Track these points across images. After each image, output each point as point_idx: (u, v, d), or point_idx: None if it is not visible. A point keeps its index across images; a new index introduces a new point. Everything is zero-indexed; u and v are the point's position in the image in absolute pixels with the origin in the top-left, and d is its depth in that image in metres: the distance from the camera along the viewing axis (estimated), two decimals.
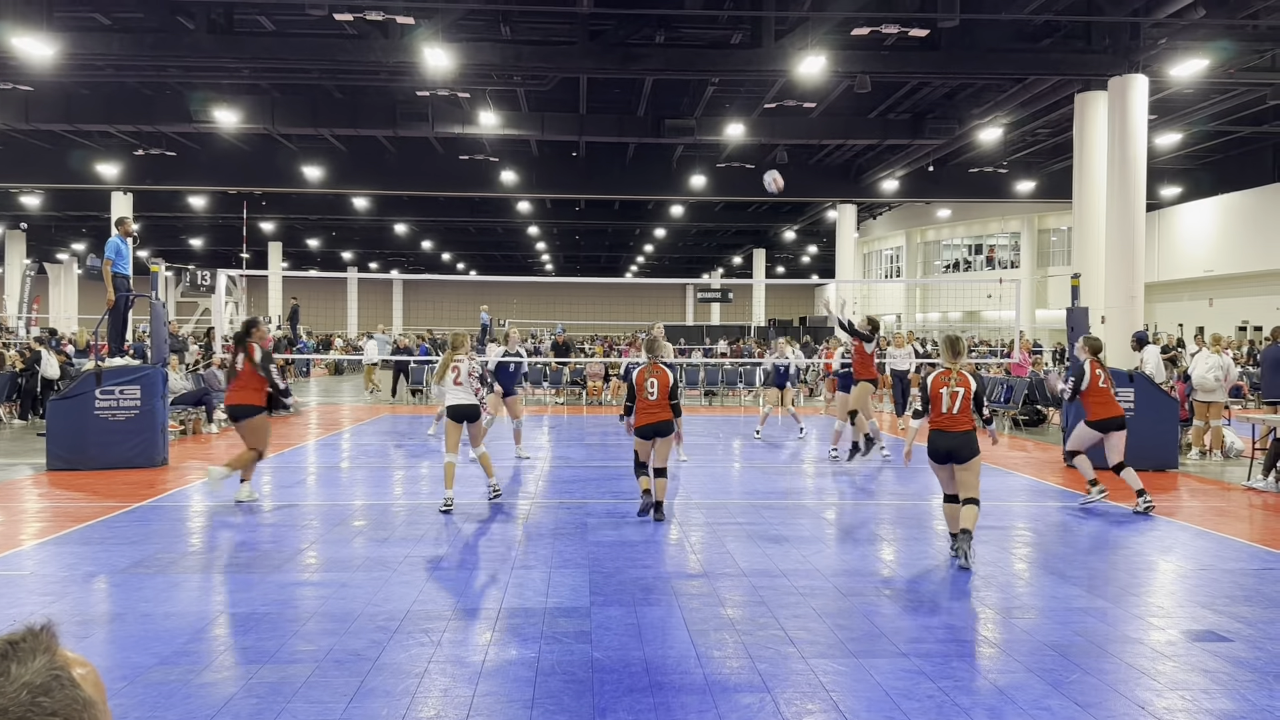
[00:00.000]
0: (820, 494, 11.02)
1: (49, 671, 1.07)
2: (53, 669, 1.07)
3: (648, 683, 4.78)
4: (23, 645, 1.08)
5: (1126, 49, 17.08)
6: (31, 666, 1.05)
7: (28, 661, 1.06)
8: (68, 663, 1.10)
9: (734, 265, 61.42)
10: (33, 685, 1.04)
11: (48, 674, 1.06)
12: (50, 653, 1.09)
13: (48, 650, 1.09)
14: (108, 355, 12.90)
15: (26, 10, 15.57)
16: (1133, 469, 9.83)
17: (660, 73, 18.31)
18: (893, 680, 4.84)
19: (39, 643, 1.09)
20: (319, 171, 28.55)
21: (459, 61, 16.80)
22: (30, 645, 1.08)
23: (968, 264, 46.56)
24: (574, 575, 6.90)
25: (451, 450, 9.44)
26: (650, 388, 8.77)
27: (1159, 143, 25.53)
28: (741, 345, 34.33)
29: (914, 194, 32.60)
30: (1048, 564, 7.45)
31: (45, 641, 1.10)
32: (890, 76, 19.07)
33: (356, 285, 60.61)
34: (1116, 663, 5.14)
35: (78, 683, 1.09)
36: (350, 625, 5.66)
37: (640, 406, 8.79)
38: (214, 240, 47.68)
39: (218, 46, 16.54)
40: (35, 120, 22.62)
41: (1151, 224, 29.49)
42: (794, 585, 6.68)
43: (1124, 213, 17.44)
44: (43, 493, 10.38)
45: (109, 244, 12.80)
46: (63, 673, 1.08)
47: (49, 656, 1.09)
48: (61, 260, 49.19)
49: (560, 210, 39.83)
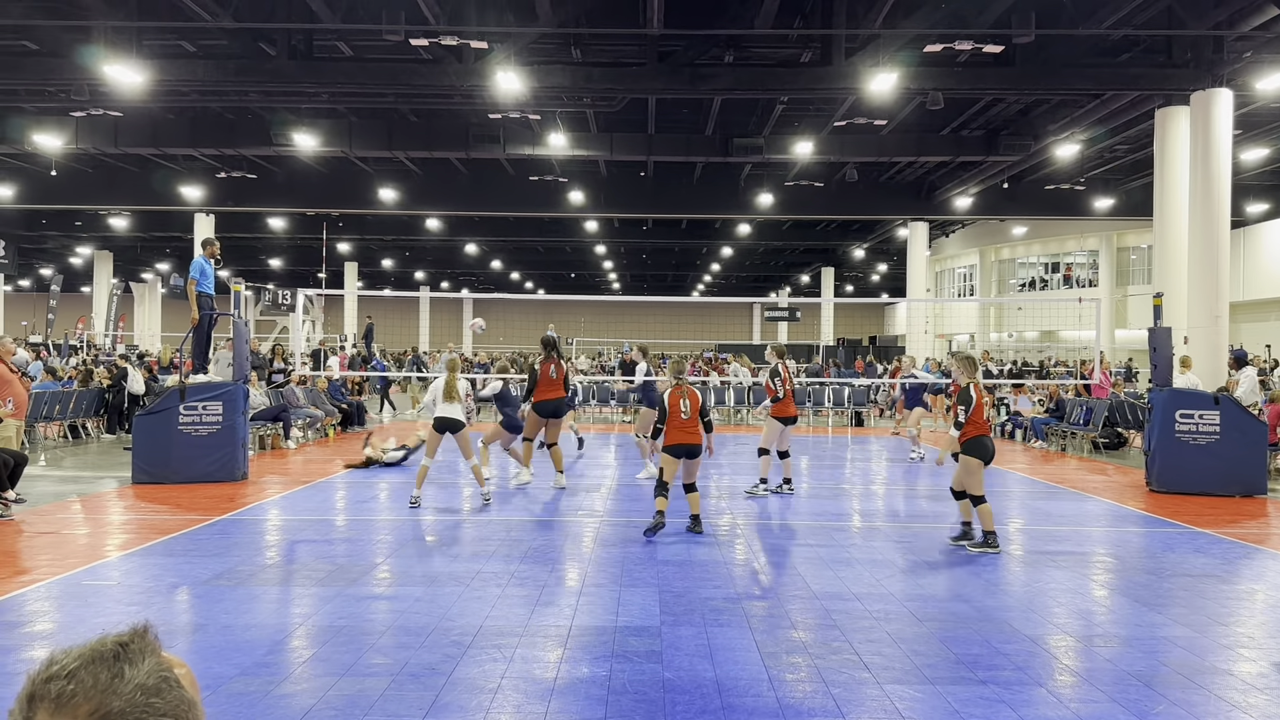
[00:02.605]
0: (892, 516, 10.86)
1: (159, 673, 1.09)
2: (161, 670, 1.10)
3: (720, 704, 4.75)
4: (132, 646, 1.10)
5: (1209, 62, 16.64)
6: (143, 668, 1.08)
7: (138, 663, 1.09)
8: (170, 663, 1.14)
9: (802, 284, 61.00)
10: (145, 686, 1.06)
11: (158, 675, 1.09)
12: (156, 654, 1.12)
13: (154, 652, 1.12)
14: (191, 372, 13.27)
15: (117, 39, 16.18)
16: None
17: (729, 92, 18.34)
18: (971, 708, 4.74)
19: (146, 644, 1.12)
20: (394, 193, 29.11)
21: (530, 84, 17.02)
22: (139, 647, 1.11)
23: (1044, 283, 45.61)
24: (644, 594, 6.90)
25: (430, 456, 10.71)
26: (684, 407, 9.08)
27: (1244, 158, 24.80)
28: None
29: (988, 211, 32.05)
30: (1130, 591, 7.23)
31: (151, 642, 1.13)
32: (963, 93, 18.83)
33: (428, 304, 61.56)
34: (1204, 694, 4.97)
35: (182, 683, 1.12)
36: (424, 640, 5.72)
37: (674, 425, 9.07)
38: (292, 260, 48.86)
39: (298, 72, 17.00)
40: (124, 144, 23.47)
41: (1236, 241, 28.66)
42: (867, 609, 6.59)
43: (1207, 230, 16.96)
44: (128, 505, 10.70)
45: (194, 264, 13.20)
46: (169, 674, 1.11)
47: (156, 658, 1.11)
48: (146, 280, 50.78)
49: (627, 229, 40.02)
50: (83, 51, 16.28)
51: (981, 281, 48.15)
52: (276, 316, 38.81)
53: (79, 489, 11.84)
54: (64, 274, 48.02)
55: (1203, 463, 12.14)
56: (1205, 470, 12.11)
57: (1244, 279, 32.37)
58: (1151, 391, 12.88)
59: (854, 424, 23.97)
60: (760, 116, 23.01)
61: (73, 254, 47.01)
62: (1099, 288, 40.56)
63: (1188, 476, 12.17)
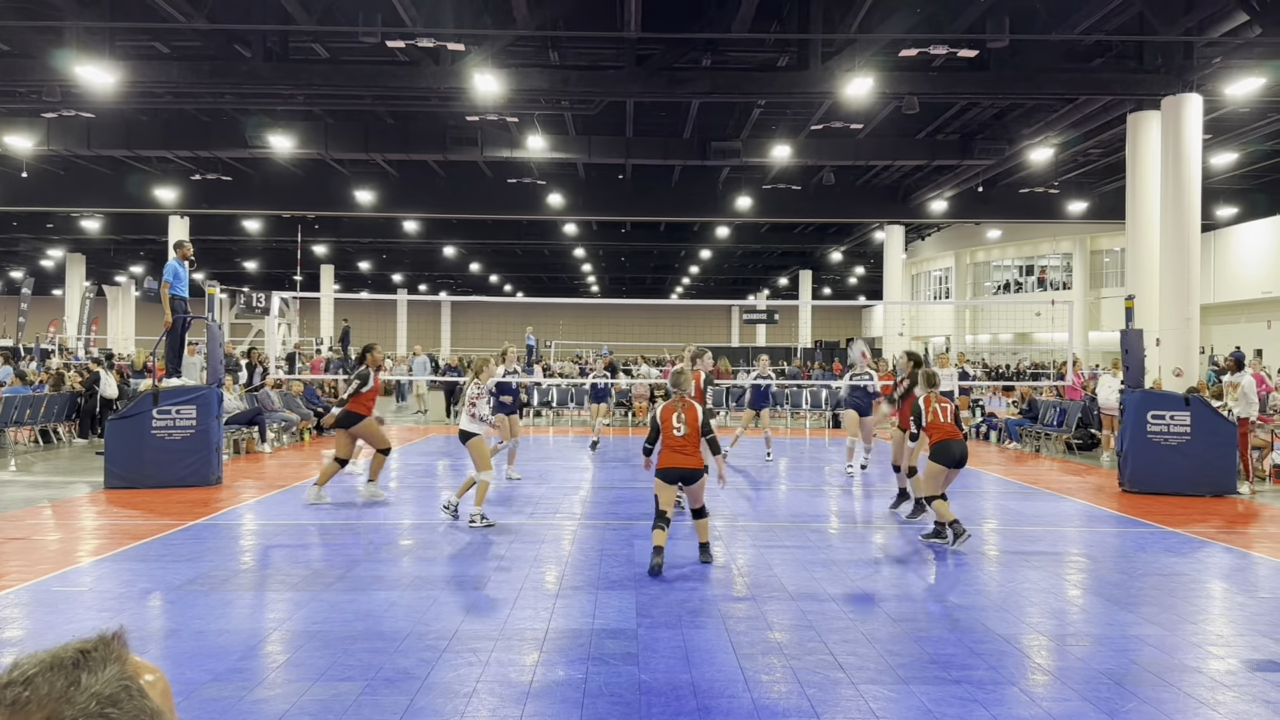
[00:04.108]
0: (868, 517, 10.91)
1: (119, 681, 1.07)
2: (123, 679, 1.07)
3: (695, 706, 4.76)
4: (94, 654, 1.07)
5: (1180, 68, 16.84)
6: (102, 676, 1.06)
7: (98, 671, 1.06)
8: (137, 670, 1.11)
9: (780, 286, 61.20)
10: (101, 695, 1.04)
11: (117, 684, 1.07)
12: (121, 661, 1.10)
13: (119, 659, 1.09)
14: (164, 376, 13.16)
15: (89, 40, 16.04)
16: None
17: (707, 96, 18.38)
18: (945, 707, 4.77)
19: (110, 651, 1.09)
20: (370, 195, 28.98)
21: (508, 87, 17.01)
22: (101, 654, 1.08)
23: (1019, 285, 45.96)
24: (620, 596, 6.90)
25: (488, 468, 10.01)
26: (677, 423, 7.79)
27: (1214, 162, 25.09)
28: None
29: (963, 215, 32.27)
30: (1102, 590, 7.31)
31: (116, 650, 1.10)
32: (939, 97, 18.99)
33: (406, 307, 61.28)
34: (1174, 692, 5.03)
35: (146, 692, 1.10)
36: (399, 644, 5.71)
37: (666, 444, 7.82)
38: (268, 263, 48.54)
39: (273, 74, 16.91)
40: (96, 146, 23.25)
41: (1207, 245, 28.97)
42: (842, 609, 6.62)
43: (1178, 234, 17.16)
44: (101, 510, 10.59)
45: (167, 267, 13.08)
46: (131, 683, 1.09)
47: (120, 665, 1.09)
48: (120, 283, 50.29)
49: (606, 232, 40.02)
50: (55, 53, 16.13)
51: (957, 284, 48.48)
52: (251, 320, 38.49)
53: (50, 494, 11.72)
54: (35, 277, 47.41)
55: (1174, 463, 12.28)
56: (1176, 470, 12.25)
57: (1214, 282, 32.73)
58: (1123, 393, 13.01)
59: (832, 426, 24.06)
60: (738, 120, 23.08)
61: (44, 256, 46.44)
62: (1072, 290, 40.93)
63: (1159, 477, 12.31)
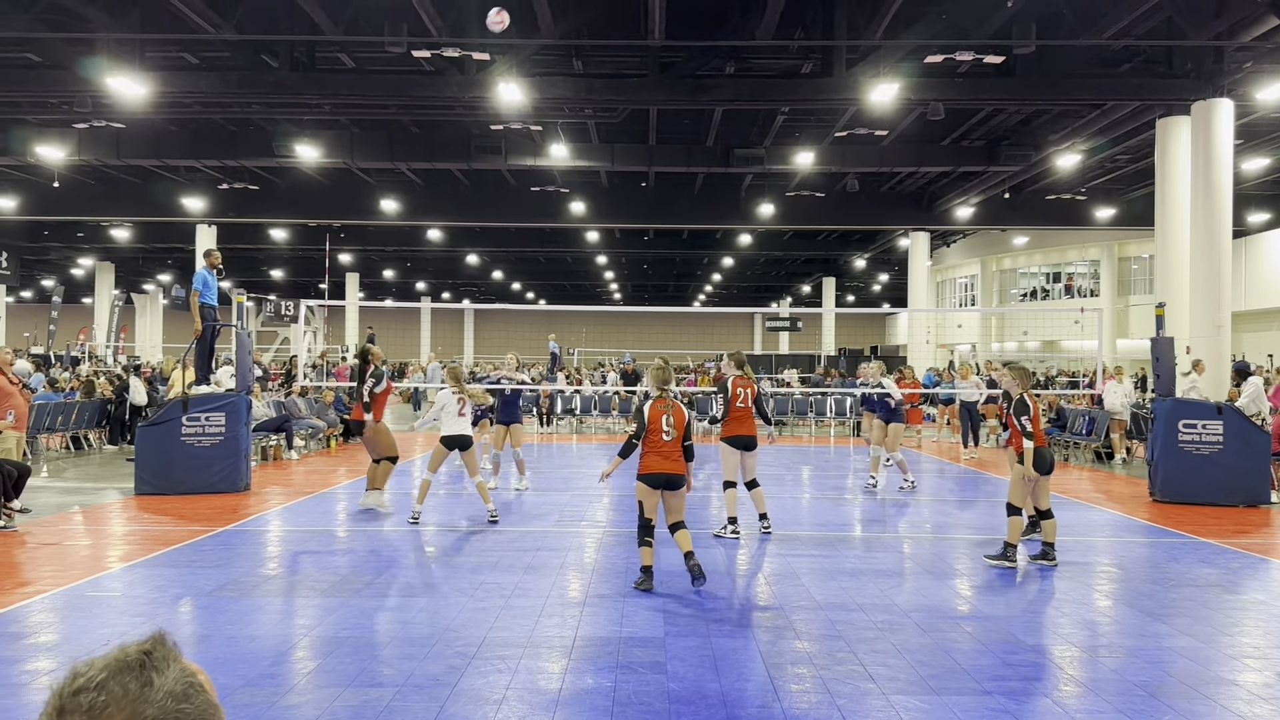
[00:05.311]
0: (894, 526, 10.84)
1: (185, 679, 1.09)
2: (186, 676, 1.10)
3: (725, 715, 4.74)
4: (156, 654, 1.10)
5: (1210, 73, 16.68)
6: (169, 675, 1.08)
7: (165, 670, 1.09)
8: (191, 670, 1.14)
9: (803, 294, 61.02)
10: (174, 693, 1.07)
11: (184, 681, 1.09)
12: (179, 661, 1.12)
13: (176, 659, 1.12)
14: (193, 383, 13.27)
15: (120, 52, 16.23)
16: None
17: (730, 103, 18.37)
18: (977, 718, 4.73)
19: (168, 651, 1.12)
20: (395, 204, 29.16)
21: (532, 96, 17.07)
22: (162, 654, 1.11)
23: (1045, 293, 45.62)
24: (647, 604, 6.89)
25: (433, 470, 10.36)
26: (667, 426, 7.44)
27: (1245, 168, 24.82)
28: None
29: (989, 221, 32.07)
30: (1135, 601, 7.22)
31: (172, 650, 1.13)
32: (964, 103, 18.87)
33: (429, 315, 61.58)
34: (1210, 704, 4.96)
35: (205, 688, 1.12)
36: (429, 650, 5.72)
37: (652, 447, 7.45)
38: (294, 271, 48.89)
39: (300, 84, 17.05)
40: (125, 156, 23.51)
41: (1238, 251, 28.68)
42: (871, 619, 6.58)
43: (1209, 240, 16.97)
44: (131, 516, 10.69)
45: (196, 275, 13.22)
46: (194, 679, 1.11)
47: (179, 664, 1.12)
48: (148, 291, 50.83)
49: (629, 240, 40.07)
50: (86, 64, 16.33)
51: (983, 291, 48.17)
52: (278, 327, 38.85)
53: (82, 500, 11.84)
54: (65, 285, 48.07)
55: (1206, 472, 12.14)
56: (1208, 480, 12.11)
57: (1246, 289, 32.37)
58: (1154, 401, 12.87)
59: (855, 434, 23.95)
60: (761, 127, 23.04)
61: (74, 265, 47.06)
62: (1100, 297, 40.58)
63: (1191, 486, 12.17)
